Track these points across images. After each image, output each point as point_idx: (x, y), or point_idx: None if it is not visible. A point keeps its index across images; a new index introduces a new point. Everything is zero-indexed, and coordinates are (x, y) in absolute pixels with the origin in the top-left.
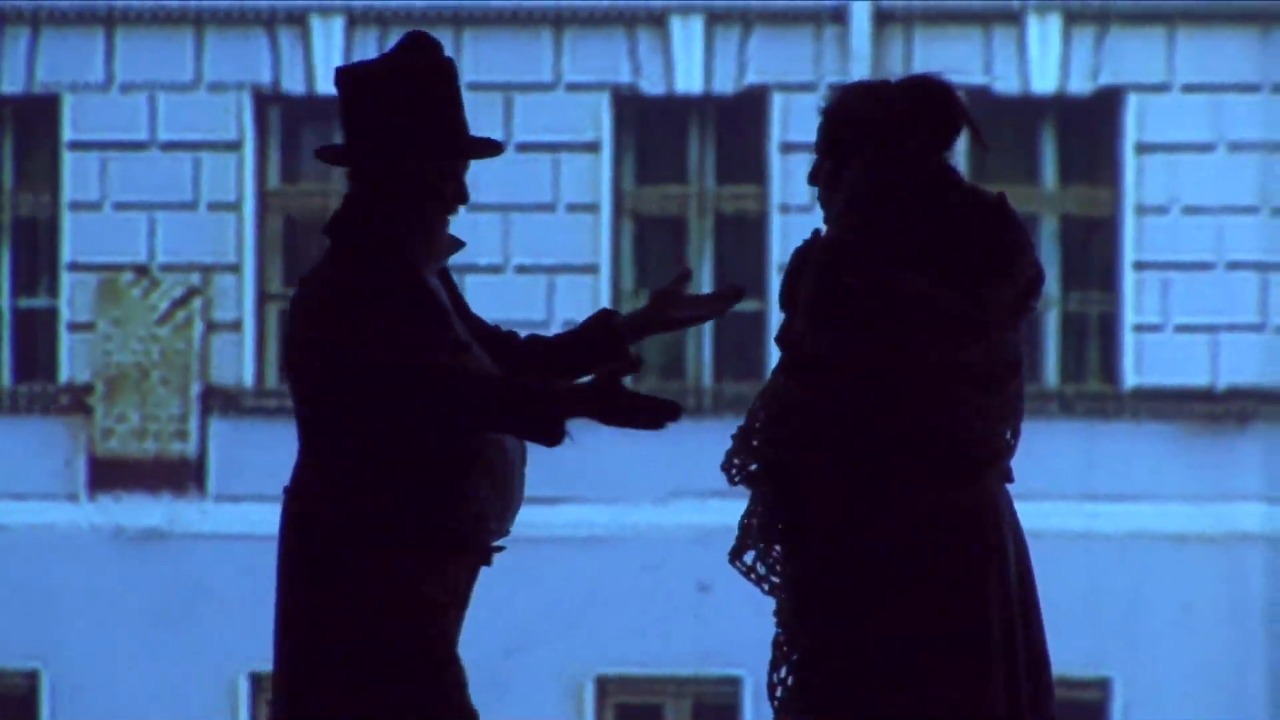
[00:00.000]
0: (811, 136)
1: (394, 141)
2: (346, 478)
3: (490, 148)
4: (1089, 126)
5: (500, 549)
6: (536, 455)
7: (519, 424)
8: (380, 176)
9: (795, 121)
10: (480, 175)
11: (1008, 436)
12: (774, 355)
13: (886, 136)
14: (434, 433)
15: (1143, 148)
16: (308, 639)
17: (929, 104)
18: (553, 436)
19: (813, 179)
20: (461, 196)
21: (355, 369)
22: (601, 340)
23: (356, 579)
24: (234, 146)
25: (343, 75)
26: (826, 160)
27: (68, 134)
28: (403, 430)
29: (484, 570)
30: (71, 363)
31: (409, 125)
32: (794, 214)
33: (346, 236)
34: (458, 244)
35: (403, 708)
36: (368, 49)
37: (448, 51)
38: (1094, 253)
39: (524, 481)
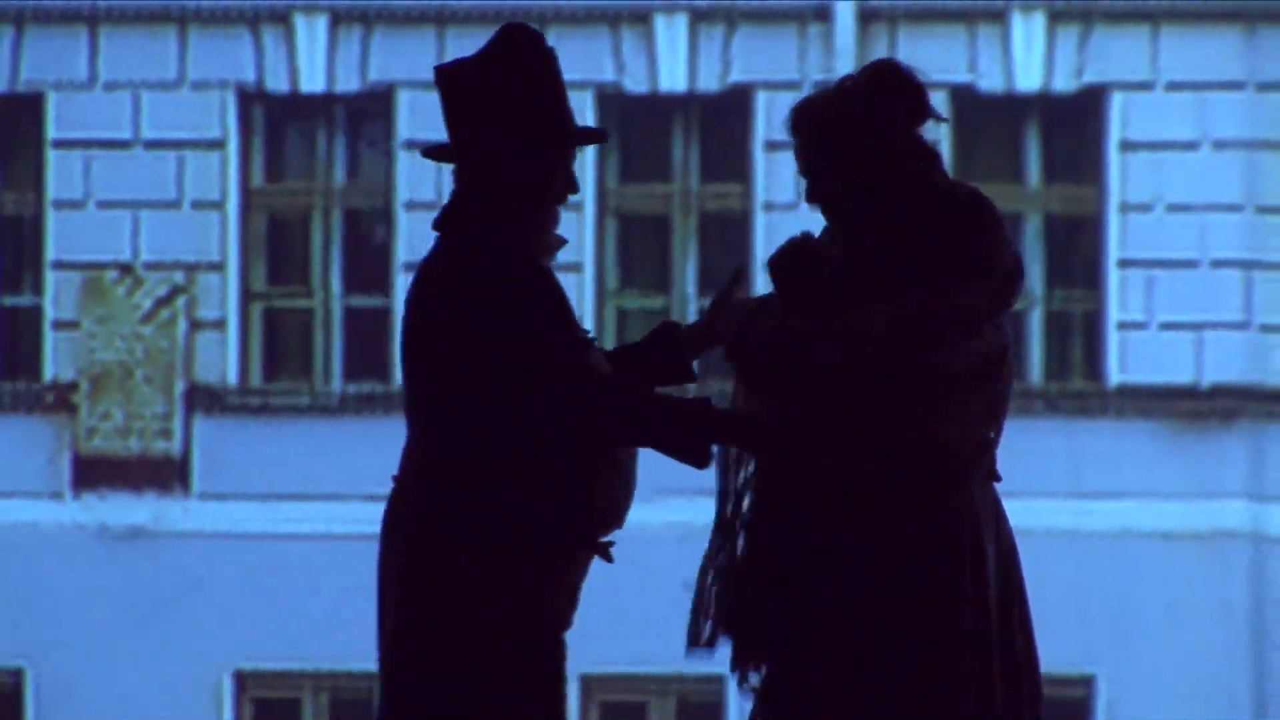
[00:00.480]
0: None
1: (499, 134)
2: (471, 476)
3: (596, 135)
4: (1073, 124)
5: (613, 544)
6: None
7: (667, 442)
8: (488, 170)
9: (779, 120)
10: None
11: (990, 435)
12: None
13: (864, 131)
14: (567, 436)
15: (1127, 146)
16: (425, 640)
17: (893, 86)
18: (702, 459)
19: (809, 198)
20: (571, 186)
21: (486, 372)
22: (665, 353)
23: (481, 581)
24: (218, 145)
25: (442, 72)
26: (810, 173)
27: (52, 132)
28: (534, 433)
29: None
30: (56, 361)
31: (513, 116)
32: (778, 212)
33: (458, 231)
34: (562, 240)
35: (519, 714)
36: (351, 47)
37: (430, 49)
38: (1078, 251)
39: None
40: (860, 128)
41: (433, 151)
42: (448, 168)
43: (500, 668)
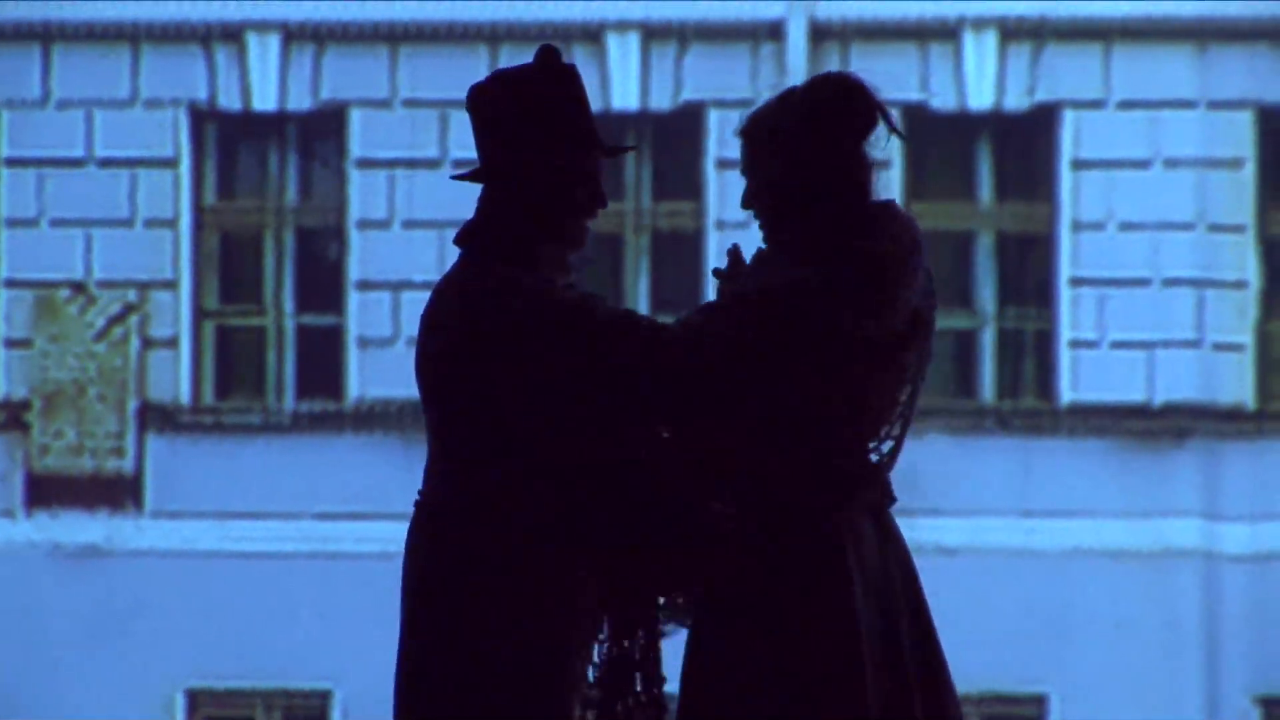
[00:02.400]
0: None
1: (521, 147)
2: (505, 498)
3: (621, 150)
4: (1025, 143)
5: None
6: None
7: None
8: (511, 184)
9: (731, 138)
10: (416, 192)
11: (873, 459)
12: None
13: (800, 139)
14: (596, 450)
15: (1079, 164)
16: (455, 663)
17: (836, 99)
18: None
19: (745, 203)
20: (599, 199)
21: (520, 409)
22: None
23: (515, 606)
24: (170, 163)
25: (471, 91)
26: (750, 180)
27: (5, 150)
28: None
29: None
30: (8, 379)
31: (535, 129)
32: (730, 230)
33: (478, 245)
34: (586, 259)
35: None
36: (303, 65)
37: (383, 67)
38: (1030, 269)
39: None
40: (796, 139)
41: (464, 175)
42: (400, 187)
43: (526, 691)
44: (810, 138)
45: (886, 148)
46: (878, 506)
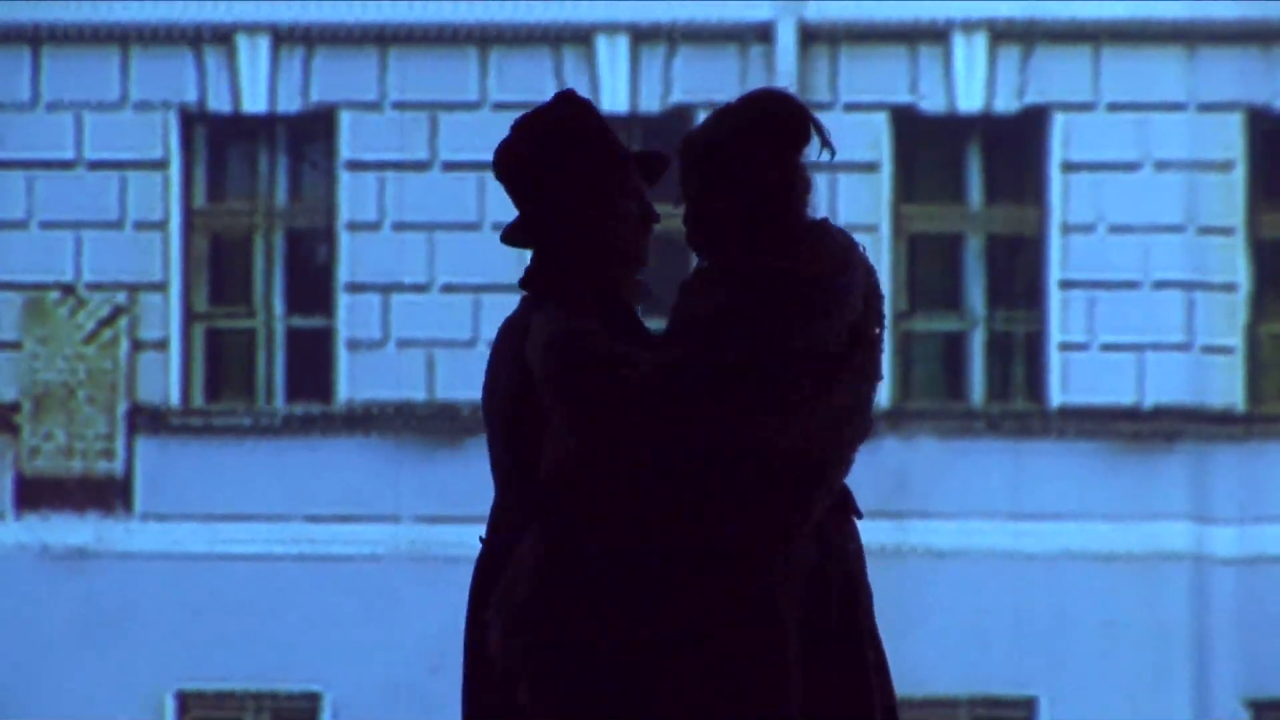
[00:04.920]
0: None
1: (560, 187)
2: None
3: (658, 161)
4: (1015, 145)
5: None
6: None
7: None
8: (559, 225)
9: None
10: (406, 194)
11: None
12: None
13: (730, 157)
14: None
15: (1069, 167)
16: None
17: (767, 113)
18: None
19: (684, 221)
20: (650, 214)
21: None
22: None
23: (596, 640)
24: (160, 165)
25: (497, 156)
26: (686, 199)
27: None
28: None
29: (409, 589)
30: None
31: (569, 165)
32: None
33: (534, 287)
34: (648, 292)
35: None
36: (293, 67)
37: (372, 69)
38: (1020, 272)
39: None
40: (727, 156)
41: (510, 237)
42: (389, 189)
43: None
44: (741, 154)
45: (876, 150)
46: (824, 516)
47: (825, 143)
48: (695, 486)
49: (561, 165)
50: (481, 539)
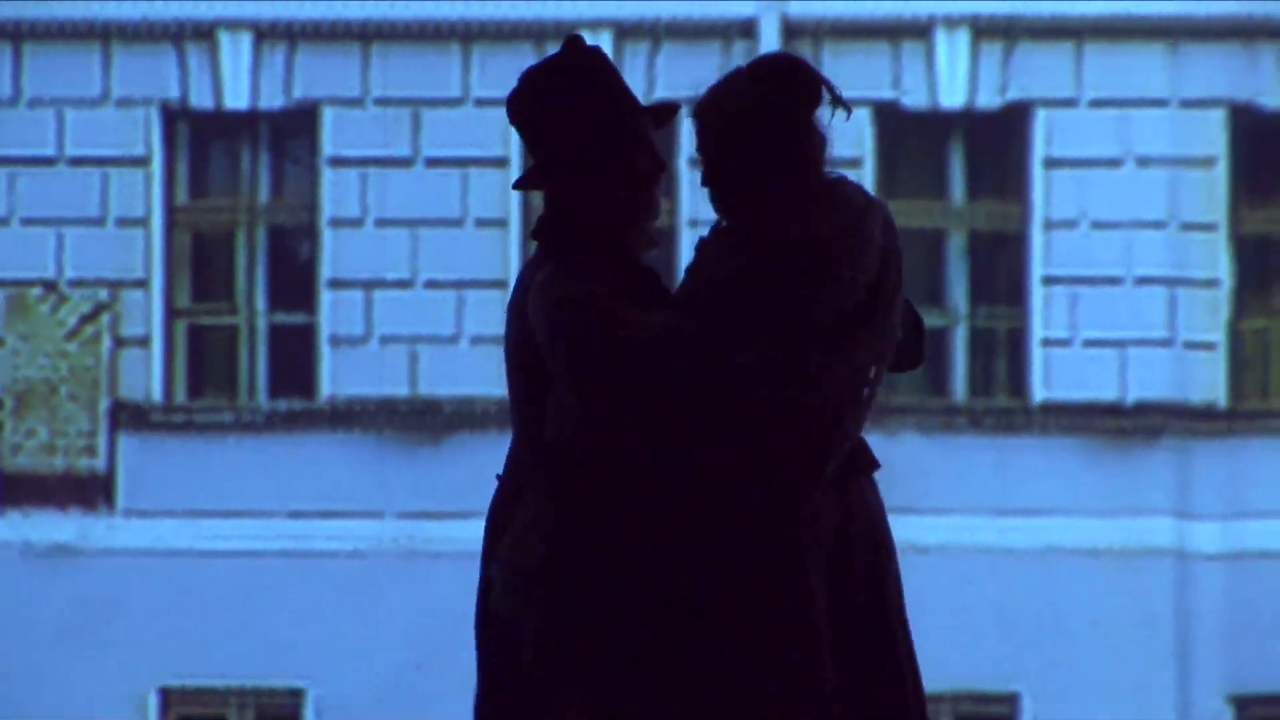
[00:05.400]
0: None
1: (571, 133)
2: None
3: (667, 110)
4: (997, 141)
5: None
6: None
7: None
8: (572, 172)
9: None
10: (388, 190)
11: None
12: None
13: (744, 117)
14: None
15: (1051, 162)
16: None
17: (777, 74)
18: None
19: (702, 181)
20: (659, 163)
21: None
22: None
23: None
24: (142, 162)
25: (507, 103)
26: (704, 160)
27: None
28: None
29: (393, 585)
30: None
31: (579, 113)
32: (704, 228)
33: (547, 238)
34: (655, 238)
35: None
36: (275, 64)
37: (354, 65)
38: (1002, 267)
39: None
40: (740, 116)
41: (521, 182)
42: (372, 185)
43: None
44: (754, 114)
45: (860, 146)
46: (844, 477)
47: (838, 100)
48: (704, 448)
49: (574, 112)
50: (498, 477)
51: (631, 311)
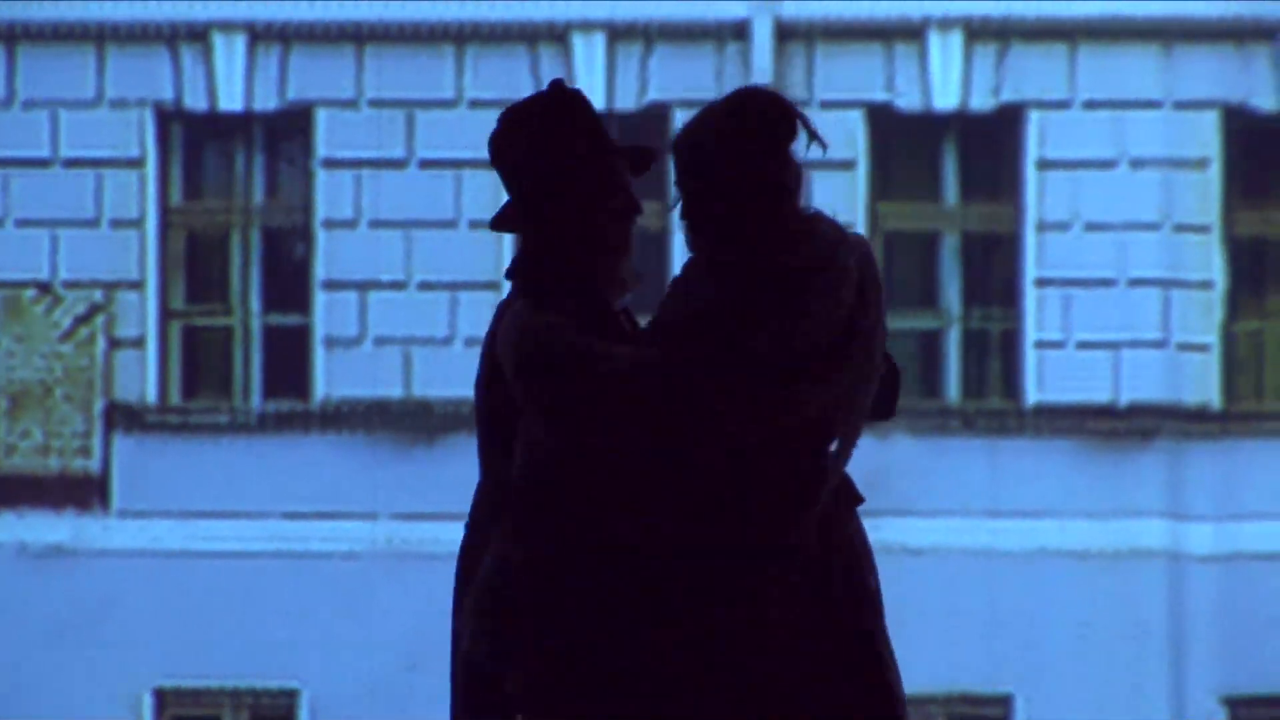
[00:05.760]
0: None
1: (545, 175)
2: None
3: (645, 155)
4: (991, 143)
5: None
6: (430, 473)
7: None
8: (544, 213)
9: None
10: (382, 192)
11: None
12: None
13: (720, 151)
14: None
15: (1044, 164)
16: None
17: (754, 108)
18: None
19: (681, 215)
20: (632, 205)
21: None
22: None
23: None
24: (136, 163)
25: (489, 144)
26: (681, 193)
27: None
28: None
29: (386, 586)
30: None
31: (554, 155)
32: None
33: (520, 278)
34: (636, 278)
35: None
36: (269, 65)
37: (348, 67)
38: (996, 269)
39: None
40: (717, 150)
41: (496, 221)
42: (366, 187)
43: None
44: (730, 151)
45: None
46: (827, 517)
47: (814, 136)
48: (675, 484)
49: (549, 154)
50: (465, 525)
51: (600, 344)
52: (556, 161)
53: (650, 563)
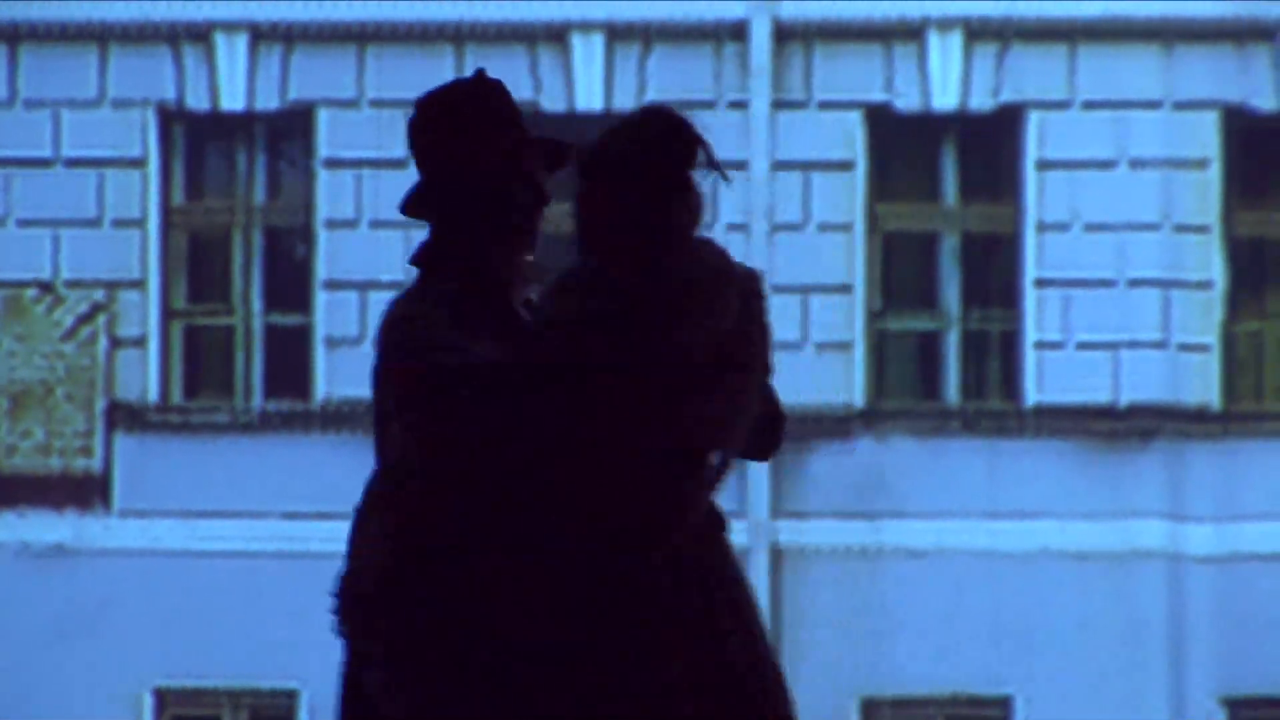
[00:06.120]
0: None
1: (451, 160)
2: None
3: (561, 149)
4: (990, 143)
5: None
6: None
7: None
8: (449, 199)
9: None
10: (383, 192)
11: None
12: None
13: (619, 170)
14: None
15: (1044, 165)
16: None
17: (654, 130)
18: None
19: (576, 225)
20: (541, 197)
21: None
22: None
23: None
24: (138, 163)
25: (407, 128)
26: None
27: None
28: None
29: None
30: None
31: (462, 141)
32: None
33: (424, 265)
34: (542, 270)
35: None
36: (271, 65)
37: (350, 67)
38: (995, 270)
39: None
40: (619, 167)
41: (402, 205)
42: (367, 187)
43: None
44: (629, 166)
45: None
46: (698, 535)
47: (715, 166)
48: (527, 487)
49: (458, 140)
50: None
51: (462, 338)
52: (465, 148)
53: (499, 566)
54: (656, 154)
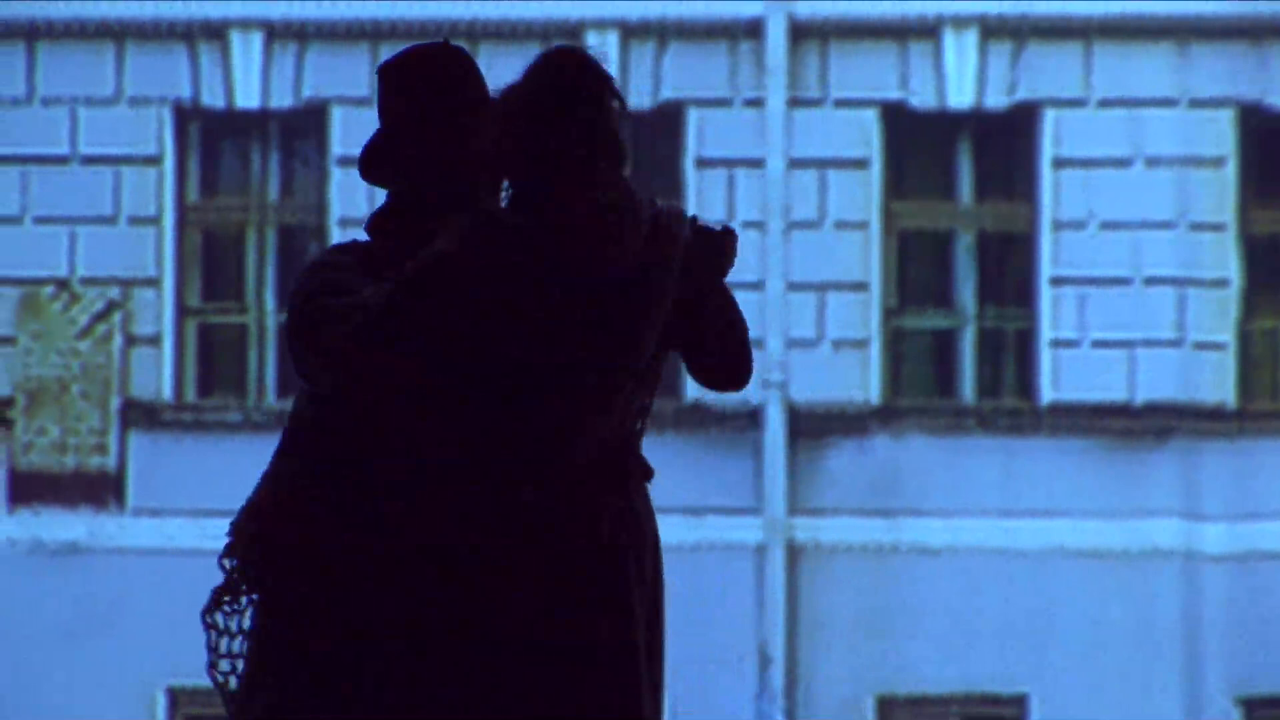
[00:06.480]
0: (729, 151)
1: (398, 132)
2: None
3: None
4: (1006, 141)
5: None
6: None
7: None
8: (398, 168)
9: (711, 136)
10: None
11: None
12: None
13: (515, 116)
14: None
15: (1060, 163)
16: None
17: (552, 78)
18: None
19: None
20: (487, 168)
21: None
22: None
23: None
24: (154, 161)
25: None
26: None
27: None
28: None
29: None
30: None
31: (404, 111)
32: None
33: (374, 229)
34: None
35: None
36: (286, 63)
37: (364, 65)
38: (1011, 268)
39: None
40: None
41: (361, 169)
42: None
43: None
44: (526, 113)
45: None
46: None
47: (620, 103)
48: (401, 436)
49: (395, 106)
50: None
51: (362, 285)
52: (405, 114)
53: (375, 519)
54: (536, 87)
